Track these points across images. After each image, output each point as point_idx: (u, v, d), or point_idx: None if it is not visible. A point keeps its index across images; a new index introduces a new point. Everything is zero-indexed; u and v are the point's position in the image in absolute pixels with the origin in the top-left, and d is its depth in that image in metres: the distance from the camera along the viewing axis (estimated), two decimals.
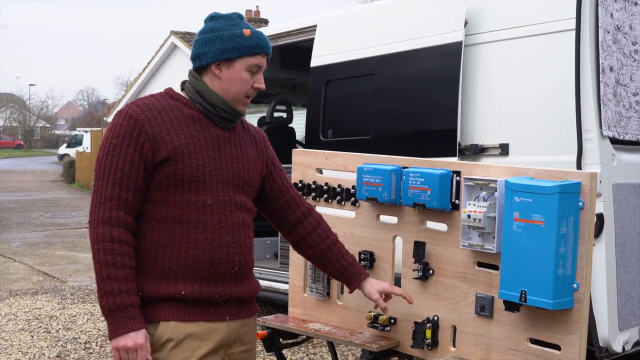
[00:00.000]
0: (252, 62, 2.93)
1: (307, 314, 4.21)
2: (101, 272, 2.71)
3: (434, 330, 3.59)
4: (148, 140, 2.79)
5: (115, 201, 2.76)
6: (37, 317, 8.32)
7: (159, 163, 2.80)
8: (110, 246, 2.72)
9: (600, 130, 4.52)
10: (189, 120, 2.90)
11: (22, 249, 13.86)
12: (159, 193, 2.83)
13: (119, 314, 2.70)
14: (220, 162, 2.91)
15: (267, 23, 26.53)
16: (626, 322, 4.56)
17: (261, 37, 2.96)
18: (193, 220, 2.84)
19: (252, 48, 2.92)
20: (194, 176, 2.83)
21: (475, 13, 5.29)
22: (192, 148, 2.85)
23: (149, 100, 2.91)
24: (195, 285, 2.84)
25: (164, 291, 2.81)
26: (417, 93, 5.69)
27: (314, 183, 4.14)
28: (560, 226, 2.95)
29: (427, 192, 3.48)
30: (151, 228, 2.84)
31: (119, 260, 2.72)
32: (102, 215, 2.75)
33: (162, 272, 2.82)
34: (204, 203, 2.85)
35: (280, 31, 7.35)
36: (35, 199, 24.86)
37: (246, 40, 2.91)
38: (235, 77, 2.92)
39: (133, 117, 2.81)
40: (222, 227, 2.88)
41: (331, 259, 3.39)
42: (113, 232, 2.73)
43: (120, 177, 2.77)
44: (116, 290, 2.70)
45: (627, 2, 4.81)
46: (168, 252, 2.82)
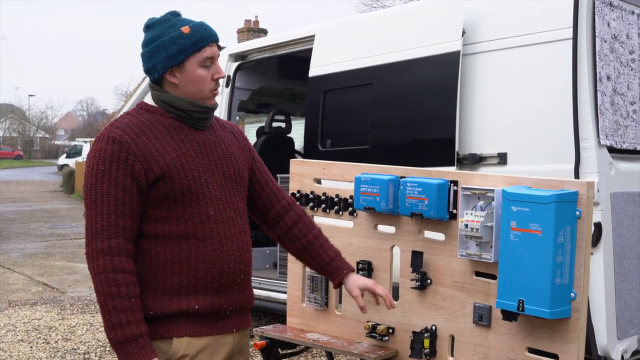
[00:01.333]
0: (202, 57, 2.84)
1: (305, 324, 4.21)
2: (106, 305, 2.64)
3: (432, 340, 3.58)
4: (138, 161, 2.72)
5: (113, 229, 2.68)
6: (36, 328, 8.31)
7: (153, 182, 2.74)
8: (113, 277, 2.65)
9: (597, 139, 4.53)
10: (171, 131, 2.84)
11: (22, 260, 13.85)
12: (159, 211, 2.78)
13: (129, 346, 2.64)
14: (212, 169, 2.87)
15: (266, 33, 26.57)
16: (625, 330, 4.56)
17: (202, 28, 2.86)
18: (199, 233, 2.80)
19: (196, 43, 2.82)
20: (192, 188, 2.78)
21: (473, 22, 5.30)
22: (184, 160, 2.80)
23: (126, 119, 2.83)
24: (206, 298, 2.81)
25: (176, 307, 2.77)
26: (416, 102, 5.70)
27: (311, 193, 4.14)
28: (557, 235, 2.95)
29: (425, 202, 3.49)
30: (155, 245, 2.78)
31: (124, 291, 2.65)
32: (100, 246, 2.67)
33: (172, 289, 2.77)
34: (207, 215, 2.82)
35: (279, 41, 7.37)
36: (35, 210, 24.85)
37: (187, 39, 2.82)
38: (191, 77, 2.84)
39: (117, 139, 2.73)
40: (227, 236, 2.85)
41: (313, 253, 3.30)
42: (114, 262, 2.66)
43: (114, 203, 2.69)
44: (124, 321, 2.63)
45: (624, 11, 4.82)
46: (177, 268, 2.78)
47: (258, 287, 7.17)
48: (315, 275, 4.10)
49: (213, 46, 2.88)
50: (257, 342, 4.16)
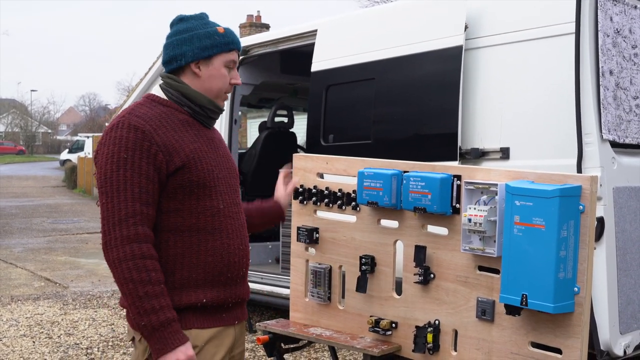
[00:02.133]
0: (229, 58, 2.96)
1: (308, 318, 4.21)
2: (136, 291, 2.63)
3: (435, 335, 3.59)
4: (160, 151, 2.74)
5: (138, 217, 2.68)
6: (39, 323, 8.32)
7: (173, 172, 2.76)
8: (142, 263, 2.65)
9: (600, 133, 4.53)
10: (186, 125, 2.88)
11: (24, 255, 13.86)
12: (173, 202, 2.79)
13: (164, 331, 2.65)
14: (220, 165, 2.93)
15: (268, 28, 26.53)
16: (627, 325, 4.56)
17: (233, 34, 3.00)
18: (209, 227, 2.84)
19: (229, 44, 2.95)
20: (207, 181, 2.83)
21: (476, 17, 5.29)
22: (200, 153, 2.85)
23: (143, 109, 2.83)
24: (214, 292, 2.85)
25: (185, 301, 2.79)
26: (418, 97, 5.69)
27: (314, 187, 4.14)
28: (560, 230, 2.96)
29: (428, 196, 3.49)
30: (166, 239, 2.80)
31: (154, 277, 2.66)
32: (126, 233, 2.66)
33: (181, 283, 2.80)
34: (217, 208, 2.86)
35: (281, 36, 7.36)
36: (37, 205, 24.87)
37: (222, 37, 2.94)
38: (215, 73, 2.94)
39: (139, 128, 2.74)
40: (233, 230, 2.91)
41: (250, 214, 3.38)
42: (142, 249, 2.67)
43: (138, 192, 2.69)
44: (157, 307, 2.64)
45: (627, 6, 4.81)
46: (186, 261, 2.81)
47: (261, 282, 7.18)
48: (318, 269, 4.10)
49: (237, 53, 3.02)
50: (260, 337, 4.16)
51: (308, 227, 4.16)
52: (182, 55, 2.90)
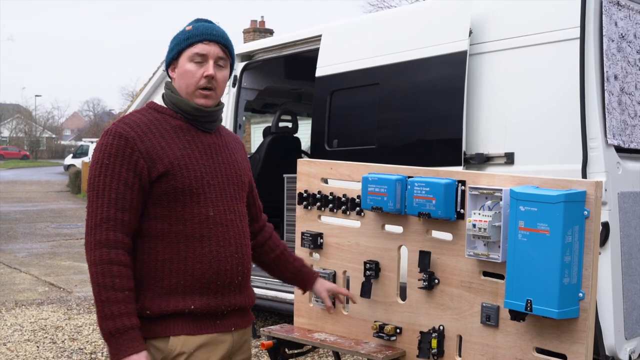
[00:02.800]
0: (192, 52, 2.91)
1: (312, 323, 4.21)
2: (100, 295, 2.68)
3: (440, 340, 3.58)
4: (142, 158, 2.77)
5: (112, 222, 2.72)
6: (43, 328, 8.32)
7: (156, 179, 2.78)
8: (108, 269, 2.68)
9: (605, 138, 4.52)
10: (178, 131, 2.89)
11: (28, 260, 13.87)
12: (160, 209, 2.81)
13: (119, 337, 2.67)
14: (216, 171, 2.92)
15: (272, 33, 26.58)
16: (632, 330, 4.55)
17: (201, 27, 2.95)
18: (197, 234, 2.83)
19: (188, 39, 2.92)
20: (194, 188, 2.82)
21: (480, 22, 5.29)
22: (188, 160, 2.84)
23: (135, 116, 2.88)
24: (203, 299, 2.83)
25: (173, 307, 2.79)
26: (422, 102, 5.69)
27: (319, 193, 4.14)
28: (565, 235, 2.95)
29: (432, 202, 3.48)
30: (154, 245, 2.82)
31: (118, 283, 2.68)
32: (98, 238, 2.71)
33: (169, 288, 2.80)
34: (206, 215, 2.85)
35: (285, 41, 7.37)
36: (41, 210, 24.89)
37: (184, 34, 2.94)
38: (181, 71, 2.93)
39: (123, 135, 2.78)
40: (225, 238, 2.88)
41: (285, 262, 3.50)
42: (111, 254, 2.70)
43: (115, 197, 2.73)
44: (116, 313, 2.66)
45: (632, 11, 4.81)
46: (174, 267, 2.81)
47: (265, 287, 7.18)
48: (322, 275, 4.09)
49: (209, 44, 2.93)
50: (264, 342, 4.16)
51: (312, 232, 4.16)
52: (165, 62, 3.00)
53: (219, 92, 2.98)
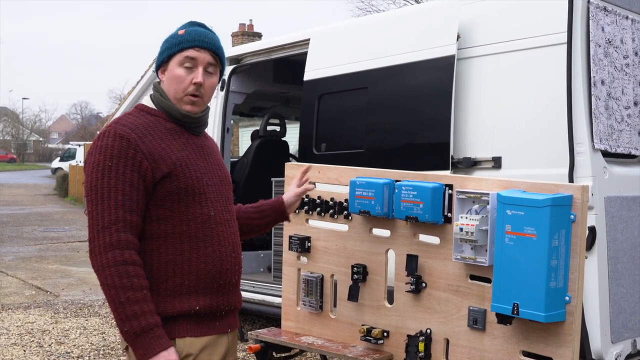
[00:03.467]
0: (182, 57, 2.89)
1: (300, 327, 4.21)
2: (119, 297, 2.64)
3: (427, 344, 3.59)
4: (145, 159, 2.75)
5: (121, 224, 2.69)
6: (30, 332, 8.29)
7: (159, 180, 2.77)
8: (124, 269, 2.65)
9: (592, 143, 4.54)
10: (173, 133, 2.89)
11: (15, 263, 13.81)
12: (163, 210, 2.80)
13: (146, 336, 2.64)
14: (211, 172, 2.93)
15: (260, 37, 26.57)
16: (619, 334, 4.57)
17: (194, 33, 2.93)
18: (200, 234, 2.83)
19: (180, 44, 2.89)
20: (196, 188, 2.83)
21: (468, 27, 5.31)
22: (188, 160, 2.85)
23: (130, 119, 2.86)
24: (207, 299, 2.84)
25: (178, 308, 2.79)
26: (410, 106, 5.70)
27: (306, 196, 4.14)
28: (552, 239, 2.96)
29: (420, 206, 3.49)
30: (157, 246, 2.80)
31: (136, 283, 2.66)
32: (109, 240, 2.67)
33: (173, 290, 2.79)
34: (208, 215, 2.86)
35: (274, 45, 7.37)
36: (28, 213, 24.79)
37: (176, 38, 2.92)
38: (170, 75, 2.91)
39: (124, 136, 2.75)
40: (224, 237, 2.90)
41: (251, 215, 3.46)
42: (125, 255, 2.67)
43: (122, 199, 2.70)
44: (139, 312, 2.63)
45: (618, 16, 4.83)
46: (178, 269, 2.80)
47: (252, 291, 7.17)
48: (310, 278, 4.10)
49: (200, 51, 2.91)
50: (252, 346, 4.16)
51: (300, 236, 4.16)
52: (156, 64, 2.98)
53: (206, 99, 2.97)
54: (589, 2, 4.62)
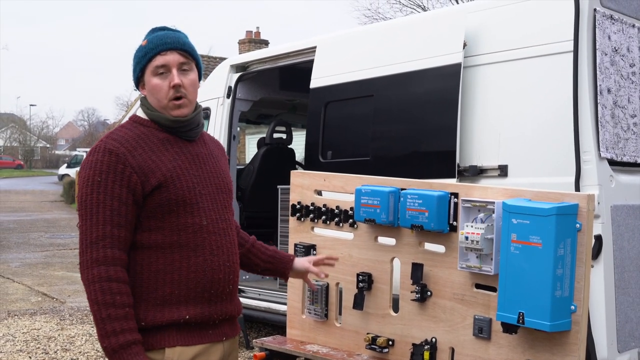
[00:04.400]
0: (153, 67, 2.87)
1: (305, 335, 4.20)
2: (100, 313, 2.66)
3: (432, 352, 3.58)
4: (135, 173, 2.75)
5: (108, 239, 2.70)
6: (36, 338, 8.29)
7: (149, 192, 2.77)
8: (107, 286, 2.66)
9: (598, 151, 4.53)
10: (166, 144, 2.87)
11: (21, 269, 13.83)
12: (153, 221, 2.79)
13: (123, 353, 2.64)
14: (205, 180, 2.91)
15: (267, 44, 26.64)
16: (625, 343, 4.55)
17: (155, 38, 2.90)
18: (191, 243, 2.81)
19: (146, 54, 2.88)
20: (187, 198, 2.81)
21: (474, 35, 5.31)
22: (179, 171, 2.83)
23: (122, 132, 2.86)
24: (197, 308, 2.82)
25: (167, 317, 2.78)
26: (417, 114, 5.70)
27: (312, 204, 4.14)
28: (557, 248, 2.95)
29: (425, 214, 3.49)
30: (147, 256, 2.80)
31: (118, 300, 2.67)
32: (95, 255, 2.69)
33: (163, 299, 2.78)
34: (200, 225, 2.83)
35: (280, 52, 7.38)
36: (35, 219, 24.85)
37: (141, 51, 2.90)
38: (149, 88, 2.89)
39: (113, 151, 2.76)
40: (218, 247, 2.87)
41: (258, 253, 3.41)
42: (109, 271, 2.68)
43: (110, 214, 2.71)
44: (118, 330, 2.64)
45: (625, 25, 4.83)
46: (168, 278, 2.79)
47: (258, 298, 7.17)
48: (317, 285, 4.09)
49: (166, 54, 2.87)
50: (257, 354, 4.16)
51: (305, 244, 4.16)
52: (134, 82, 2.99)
53: (191, 97, 2.92)
54: (596, 11, 4.62)
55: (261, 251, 3.43)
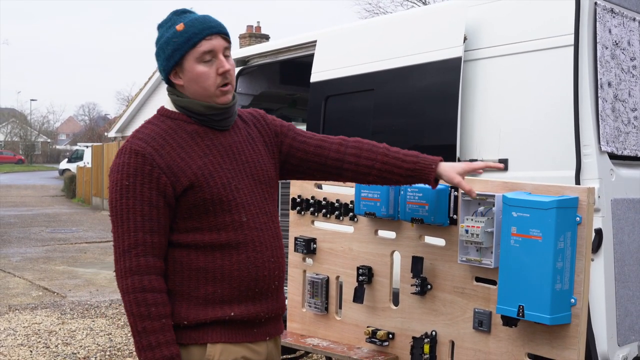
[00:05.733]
0: (199, 53, 2.71)
1: (305, 329, 4.21)
2: (136, 326, 2.57)
3: (432, 346, 3.58)
4: (163, 174, 2.63)
5: (141, 247, 2.60)
6: (36, 332, 8.31)
7: (181, 193, 2.64)
8: (142, 297, 2.57)
9: (598, 145, 4.53)
10: (195, 137, 2.73)
11: (22, 264, 13.85)
12: (190, 222, 2.68)
13: None
14: (241, 173, 2.77)
15: (268, 38, 26.59)
16: (625, 337, 4.55)
17: (197, 22, 2.72)
18: (232, 241, 2.70)
19: (189, 39, 2.70)
20: (223, 196, 2.68)
21: (475, 28, 5.30)
22: (212, 167, 2.70)
23: (148, 128, 2.73)
24: (242, 306, 2.71)
25: (211, 316, 2.67)
26: (417, 108, 5.70)
27: (312, 198, 4.14)
28: (557, 241, 2.95)
29: (425, 207, 3.49)
30: (187, 254, 2.69)
31: (154, 311, 2.57)
32: (129, 265, 2.59)
33: (205, 298, 2.68)
34: (240, 222, 2.71)
35: (281, 46, 7.37)
36: (36, 214, 24.86)
37: (181, 36, 2.70)
38: (192, 76, 2.73)
39: (139, 152, 2.63)
40: (261, 242, 2.75)
41: (393, 171, 3.07)
42: (144, 281, 2.58)
43: (141, 220, 2.60)
44: (154, 343, 2.56)
45: (626, 18, 4.82)
46: (210, 276, 2.68)
47: None
48: (316, 280, 4.10)
49: (212, 39, 2.73)
50: None
51: (305, 238, 4.16)
52: (161, 70, 2.79)
53: (233, 83, 2.81)
54: (596, 4, 4.61)
55: (397, 166, 3.07)
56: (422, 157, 3.09)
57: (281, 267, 2.83)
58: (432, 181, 3.09)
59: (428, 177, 3.07)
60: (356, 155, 3.10)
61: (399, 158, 3.09)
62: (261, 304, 2.77)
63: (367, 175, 3.10)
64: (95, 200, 28.87)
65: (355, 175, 3.11)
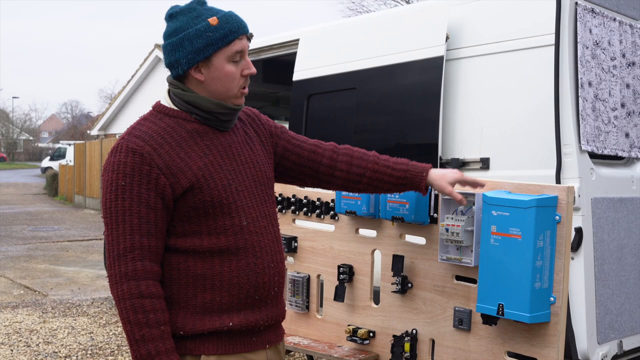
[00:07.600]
0: (231, 52, 2.59)
1: (286, 327, 4.20)
2: (134, 334, 2.44)
3: (413, 344, 3.59)
4: (162, 174, 2.49)
5: (137, 251, 2.46)
6: (17, 331, 8.26)
7: (180, 195, 2.52)
8: (139, 303, 2.44)
9: (579, 144, 4.55)
10: (195, 136, 2.60)
11: (3, 262, 13.77)
12: (188, 225, 2.56)
13: None
14: (241, 175, 2.65)
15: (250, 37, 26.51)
16: (605, 335, 4.58)
17: (231, 19, 2.60)
18: (232, 246, 2.57)
19: (225, 36, 2.57)
20: (223, 198, 2.56)
21: (457, 28, 5.31)
22: (212, 168, 2.58)
23: (145, 126, 2.58)
24: (241, 315, 2.59)
25: (209, 326, 2.55)
26: (399, 107, 5.71)
27: (293, 197, 4.14)
28: (537, 240, 2.97)
29: (406, 206, 3.50)
30: (184, 260, 2.56)
31: (152, 318, 2.44)
32: (124, 269, 2.45)
33: (203, 306, 2.56)
34: (240, 226, 2.59)
35: (263, 45, 7.36)
36: (18, 212, 24.72)
37: (216, 31, 2.56)
38: (219, 74, 2.60)
39: (137, 151, 2.49)
40: (261, 247, 2.63)
41: (383, 179, 3.08)
42: (141, 287, 2.45)
43: (137, 222, 2.47)
44: (153, 352, 2.43)
45: (606, 18, 4.85)
46: (208, 284, 2.55)
47: None
48: (297, 278, 4.10)
49: (243, 39, 2.62)
50: None
51: (287, 236, 4.16)
52: (177, 62, 2.59)
53: None
54: (577, 4, 4.63)
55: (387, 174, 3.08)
56: (412, 165, 3.11)
57: (281, 273, 2.72)
58: (423, 189, 3.12)
59: (419, 185, 3.10)
60: (347, 163, 3.08)
61: (389, 166, 3.09)
62: (260, 311, 2.65)
63: (358, 183, 3.09)
64: (78, 198, 28.74)
65: (346, 183, 3.10)
